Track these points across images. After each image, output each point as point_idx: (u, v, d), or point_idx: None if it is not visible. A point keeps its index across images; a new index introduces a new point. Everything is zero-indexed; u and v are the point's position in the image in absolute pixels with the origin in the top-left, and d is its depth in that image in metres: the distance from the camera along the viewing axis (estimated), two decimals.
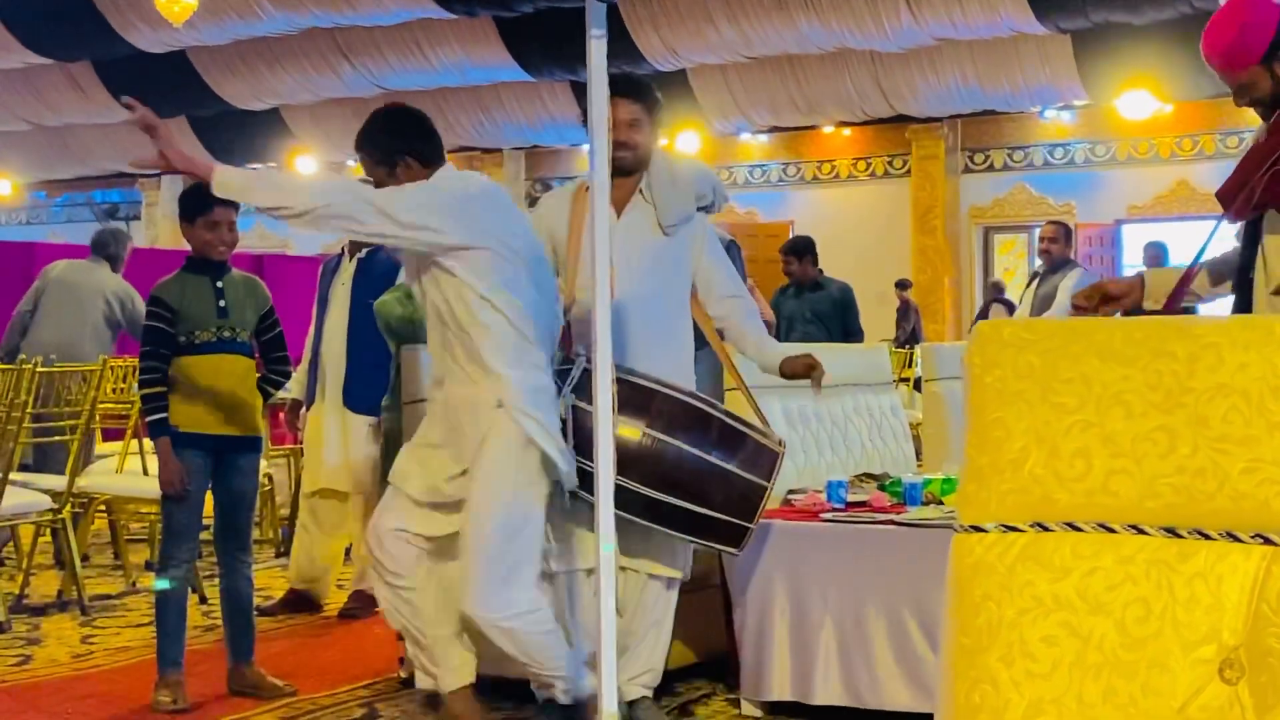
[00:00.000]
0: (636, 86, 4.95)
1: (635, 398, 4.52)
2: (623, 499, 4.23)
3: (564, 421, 4.55)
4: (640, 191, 4.90)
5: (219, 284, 5.53)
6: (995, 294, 17.82)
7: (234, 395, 5.51)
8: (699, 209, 5.04)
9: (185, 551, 5.52)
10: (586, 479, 4.42)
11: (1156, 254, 12.63)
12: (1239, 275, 3.95)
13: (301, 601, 7.24)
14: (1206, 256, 4.02)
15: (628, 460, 4.34)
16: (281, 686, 5.63)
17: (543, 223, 4.97)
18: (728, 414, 4.76)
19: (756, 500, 4.63)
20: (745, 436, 4.69)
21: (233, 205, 5.42)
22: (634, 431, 4.52)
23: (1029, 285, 11.01)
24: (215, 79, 18.06)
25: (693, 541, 4.79)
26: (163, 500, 5.52)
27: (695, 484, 4.58)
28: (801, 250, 10.61)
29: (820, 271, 10.83)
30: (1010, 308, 17.42)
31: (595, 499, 3.56)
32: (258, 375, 5.68)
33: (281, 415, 7.53)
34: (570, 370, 4.65)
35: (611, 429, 3.62)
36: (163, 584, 5.48)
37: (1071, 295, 10.18)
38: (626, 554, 4.74)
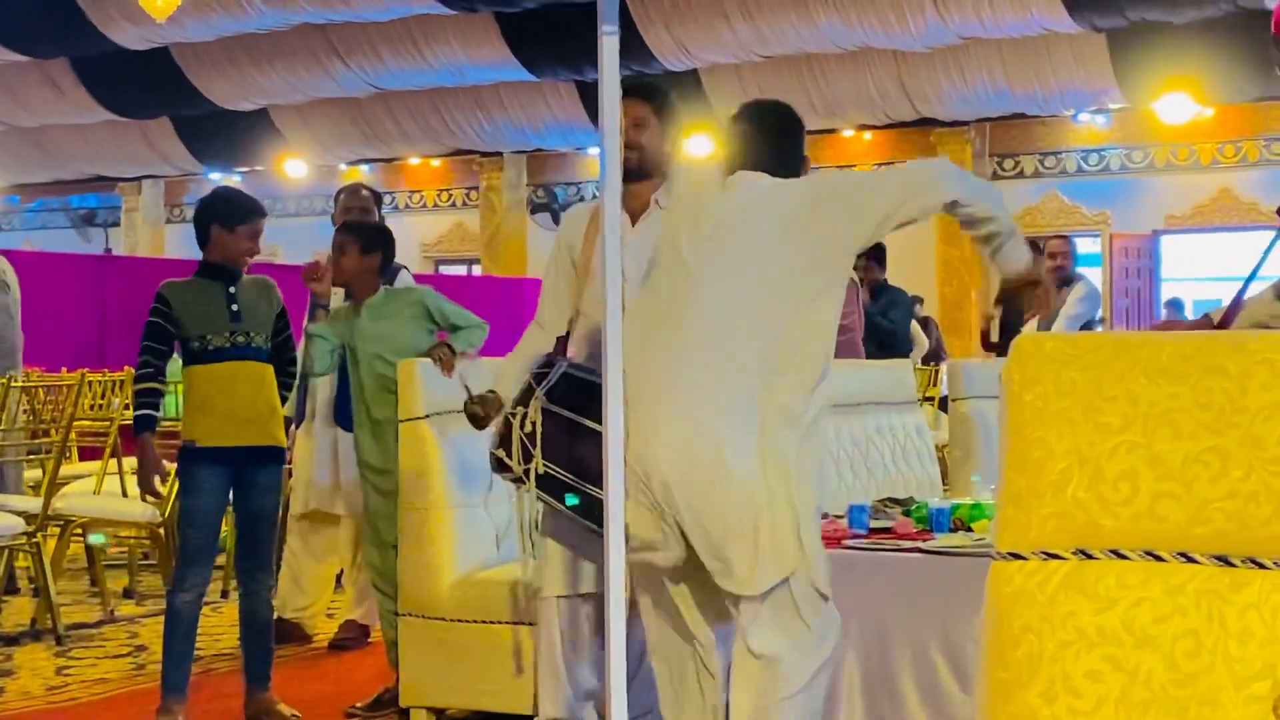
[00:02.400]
0: (643, 85, 4.97)
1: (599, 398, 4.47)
2: (591, 507, 4.21)
3: (533, 425, 4.54)
4: (656, 200, 4.89)
5: (231, 289, 5.60)
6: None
7: (252, 404, 5.58)
8: None
9: (198, 575, 5.63)
10: (564, 489, 4.41)
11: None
12: None
13: (288, 632, 7.21)
14: (1260, 281, 3.99)
15: (597, 466, 4.18)
16: (289, 716, 5.69)
17: (564, 239, 4.98)
18: None
19: None
20: None
21: (262, 214, 5.55)
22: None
23: None
24: (201, 78, 18.07)
25: None
26: (179, 519, 5.66)
27: None
28: (881, 255, 10.68)
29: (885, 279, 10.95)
30: (927, 325, 16.79)
31: (605, 525, 3.54)
32: None
33: None
34: (548, 374, 4.63)
35: (621, 451, 3.59)
36: (172, 607, 5.60)
37: (1078, 306, 10.21)
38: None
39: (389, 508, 5.76)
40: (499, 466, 4.65)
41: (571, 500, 4.45)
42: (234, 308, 5.57)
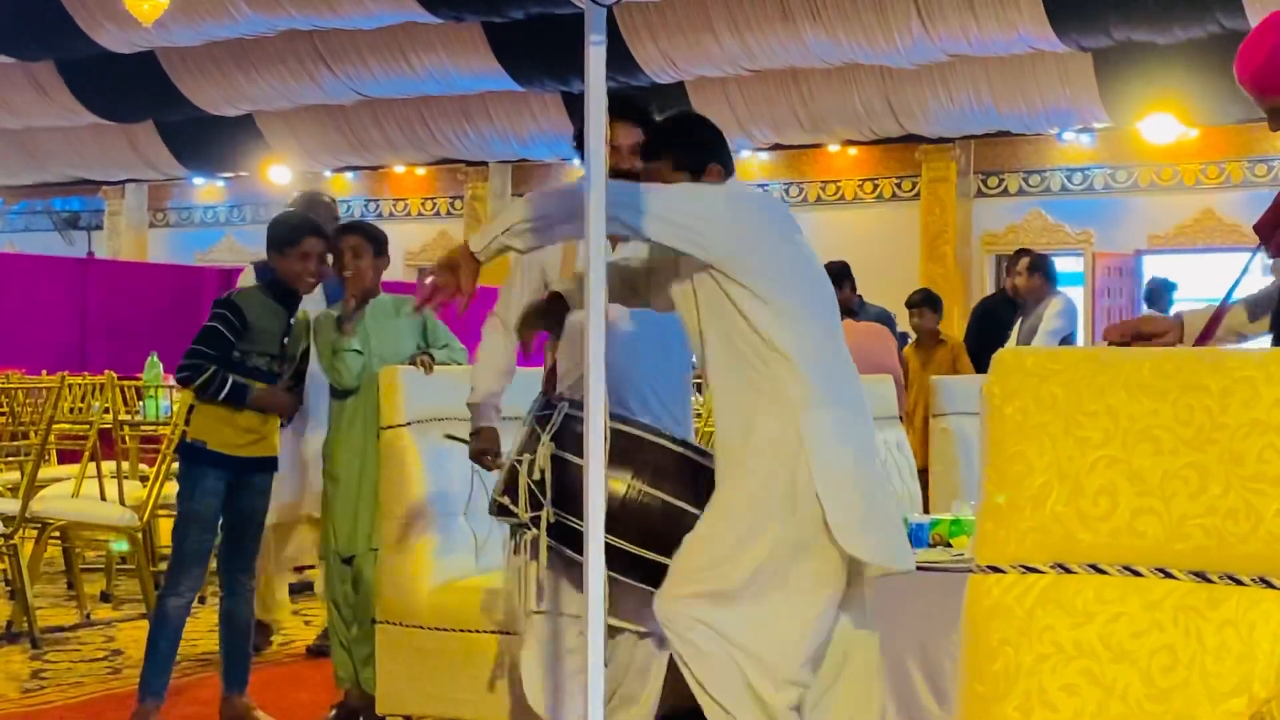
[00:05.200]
0: (639, 109, 4.93)
1: (621, 446, 4.42)
2: (608, 555, 4.18)
3: (542, 473, 4.51)
4: None
5: (290, 321, 5.71)
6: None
7: (263, 423, 5.67)
8: None
9: (193, 578, 5.68)
10: (571, 536, 4.38)
11: (1157, 289, 12.62)
12: (1276, 314, 3.94)
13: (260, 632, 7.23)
14: (1240, 292, 4.01)
15: (611, 514, 4.14)
16: None
17: (536, 256, 4.90)
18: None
19: None
20: None
21: (323, 236, 5.56)
22: (619, 484, 4.41)
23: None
24: (186, 82, 18.04)
25: None
26: (175, 523, 5.69)
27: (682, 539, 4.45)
28: (839, 276, 10.58)
29: (860, 298, 10.85)
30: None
31: (585, 554, 3.51)
32: None
33: None
34: (550, 415, 4.60)
35: (603, 478, 3.56)
36: (163, 608, 5.66)
37: (1056, 320, 10.24)
38: (618, 613, 4.69)
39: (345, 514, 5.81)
40: (501, 511, 4.60)
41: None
42: (285, 340, 5.68)
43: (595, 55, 3.51)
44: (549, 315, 4.69)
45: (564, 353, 4.80)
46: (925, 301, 10.78)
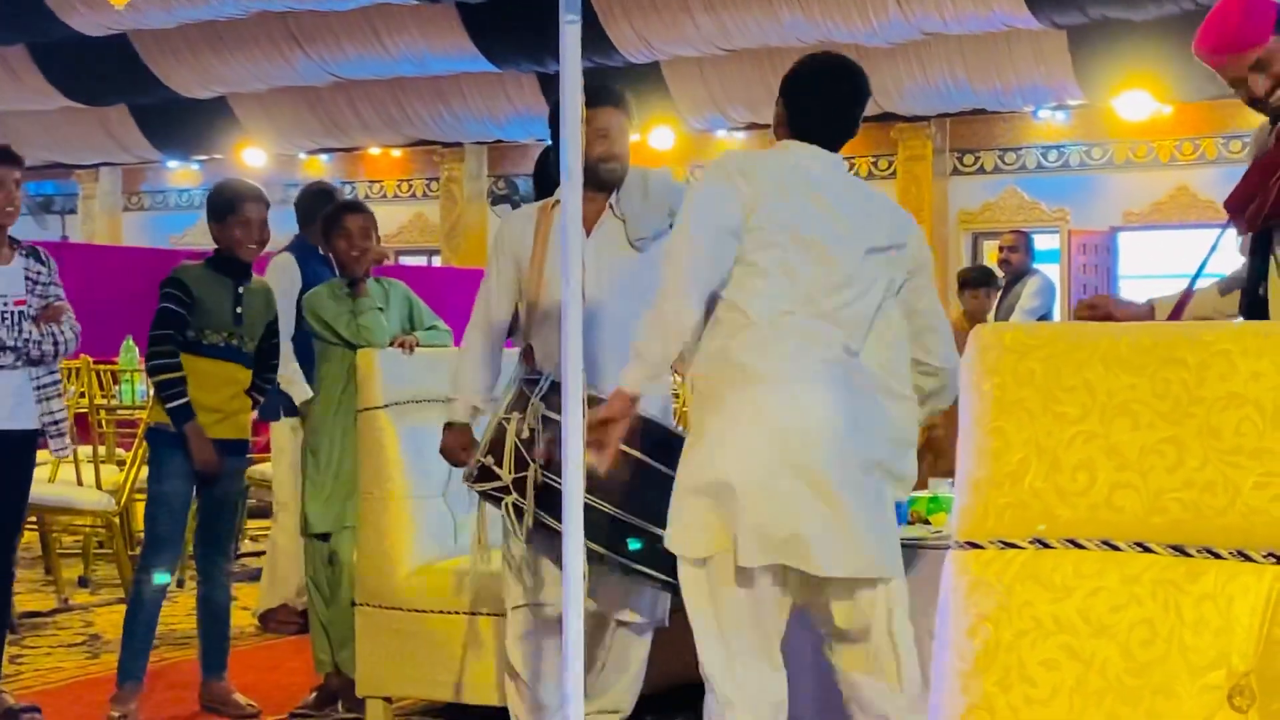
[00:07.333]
0: (619, 94, 4.94)
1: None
2: (588, 524, 4.16)
3: (531, 431, 4.51)
4: (611, 207, 4.86)
5: (240, 290, 5.66)
6: None
7: (229, 402, 5.66)
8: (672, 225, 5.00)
9: (166, 561, 5.64)
10: (553, 503, 4.38)
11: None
12: (1248, 294, 3.95)
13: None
14: (1211, 269, 4.03)
15: (590, 479, 4.10)
16: (245, 706, 5.71)
17: (506, 246, 4.87)
18: None
19: None
20: None
21: (263, 202, 5.56)
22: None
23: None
24: (159, 65, 17.96)
25: (653, 575, 4.61)
26: (146, 506, 5.68)
27: (657, 501, 4.41)
28: None
29: None
30: None
31: (564, 520, 3.52)
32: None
33: None
34: (538, 380, 4.61)
35: (581, 450, 3.56)
36: (140, 592, 5.65)
37: (1035, 299, 10.22)
38: (600, 600, 4.70)
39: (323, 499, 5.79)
40: (482, 476, 4.56)
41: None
42: (238, 310, 5.64)
43: (570, 35, 3.51)
44: None
45: (538, 337, 4.77)
46: (987, 281, 10.32)
